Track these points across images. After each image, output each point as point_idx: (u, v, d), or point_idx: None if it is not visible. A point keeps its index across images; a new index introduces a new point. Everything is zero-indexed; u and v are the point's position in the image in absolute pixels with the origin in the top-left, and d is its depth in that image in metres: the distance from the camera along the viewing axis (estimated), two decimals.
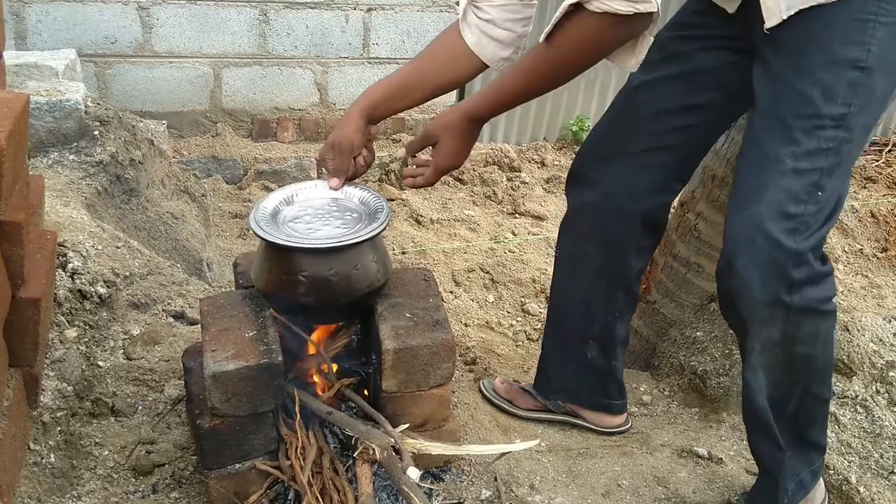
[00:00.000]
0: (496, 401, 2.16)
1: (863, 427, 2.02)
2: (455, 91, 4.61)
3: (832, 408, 2.05)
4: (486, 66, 1.65)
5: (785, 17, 1.50)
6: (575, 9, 1.39)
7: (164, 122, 3.86)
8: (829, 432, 2.00)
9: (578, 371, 2.05)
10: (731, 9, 1.66)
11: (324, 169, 1.70)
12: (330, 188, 1.66)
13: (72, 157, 2.55)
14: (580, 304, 1.98)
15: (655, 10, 1.38)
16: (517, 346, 3.01)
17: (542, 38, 1.47)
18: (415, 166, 1.74)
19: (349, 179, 1.68)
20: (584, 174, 1.90)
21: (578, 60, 1.50)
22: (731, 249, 1.55)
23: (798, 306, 1.54)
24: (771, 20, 1.52)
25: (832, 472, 1.92)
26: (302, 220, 1.58)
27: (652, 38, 1.49)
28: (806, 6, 1.48)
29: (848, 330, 2.15)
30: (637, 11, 1.37)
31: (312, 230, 1.55)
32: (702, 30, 1.75)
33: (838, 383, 2.10)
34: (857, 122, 1.50)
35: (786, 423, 1.68)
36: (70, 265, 1.99)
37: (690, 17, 1.79)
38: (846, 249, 3.61)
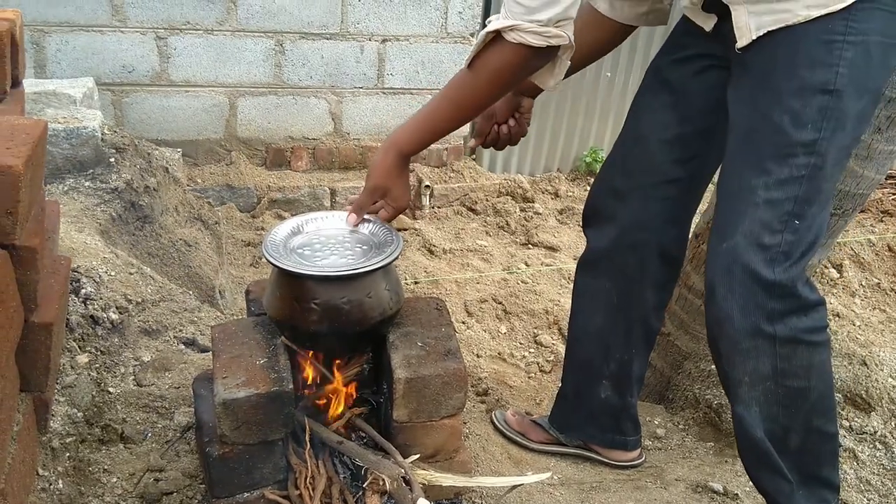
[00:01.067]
0: (508, 433, 2.14)
1: (882, 464, 1.98)
2: None
3: (850, 444, 2.01)
4: (632, 28, 1.73)
5: (754, 38, 1.49)
6: (495, 38, 1.45)
7: (179, 150, 3.89)
8: (847, 469, 1.96)
9: (593, 412, 2.03)
10: (707, 27, 1.66)
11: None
12: (470, 147, 1.77)
13: (87, 183, 2.57)
14: (596, 342, 1.97)
15: (567, 42, 1.45)
16: (529, 377, 2.99)
17: (465, 65, 1.52)
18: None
19: (495, 146, 1.84)
20: (599, 211, 1.91)
21: (497, 86, 1.54)
22: (711, 281, 1.55)
23: (784, 337, 1.53)
24: (741, 40, 1.51)
25: None
26: (311, 248, 1.58)
27: (569, 62, 1.54)
28: (774, 27, 1.47)
29: (866, 364, 2.12)
30: (549, 45, 1.44)
31: (320, 258, 1.54)
32: (691, 50, 1.74)
33: (856, 419, 2.06)
34: (829, 146, 1.47)
35: (791, 458, 1.64)
36: (83, 291, 1.99)
37: (680, 39, 1.79)
38: (863, 283, 3.57)
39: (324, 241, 1.62)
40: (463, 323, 3.33)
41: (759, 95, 1.52)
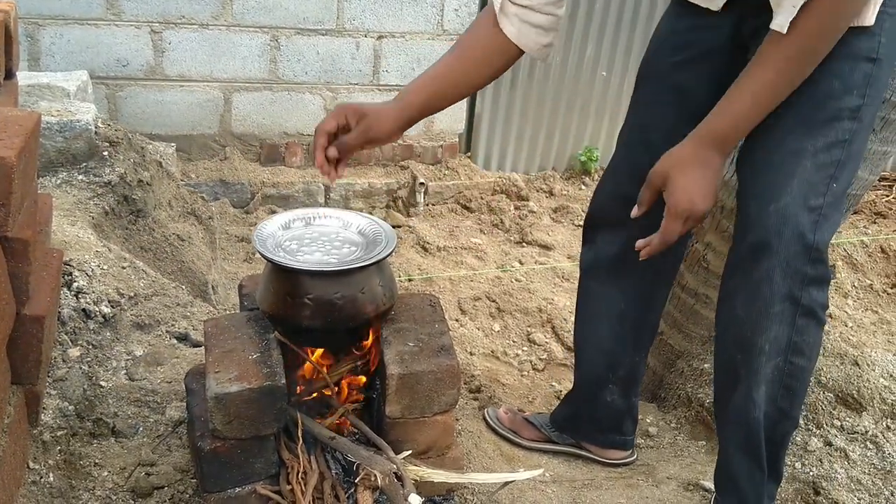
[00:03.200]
0: (500, 430, 2.14)
1: (873, 464, 1.99)
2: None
3: (842, 443, 2.02)
4: (521, 55, 1.64)
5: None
6: None
7: (173, 144, 3.88)
8: (838, 468, 1.97)
9: (598, 416, 2.03)
10: (716, 6, 1.61)
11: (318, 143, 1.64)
12: (321, 170, 1.63)
13: (80, 177, 2.56)
14: (605, 349, 1.96)
15: None
16: (522, 375, 2.99)
17: (784, 29, 1.36)
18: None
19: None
20: (609, 217, 1.87)
21: (826, 43, 1.40)
22: (755, 244, 1.53)
23: (805, 307, 1.55)
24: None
25: None
26: (299, 243, 1.59)
27: None
28: None
29: (858, 364, 2.12)
30: None
31: (304, 255, 1.55)
32: (695, 49, 1.69)
33: (848, 419, 2.07)
34: (868, 113, 1.50)
35: (772, 448, 1.67)
36: (75, 284, 1.99)
37: (680, 37, 1.72)
38: (856, 285, 3.58)
39: (314, 237, 1.62)
40: (456, 321, 3.33)
41: None
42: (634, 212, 1.59)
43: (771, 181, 1.52)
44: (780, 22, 1.37)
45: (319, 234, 1.63)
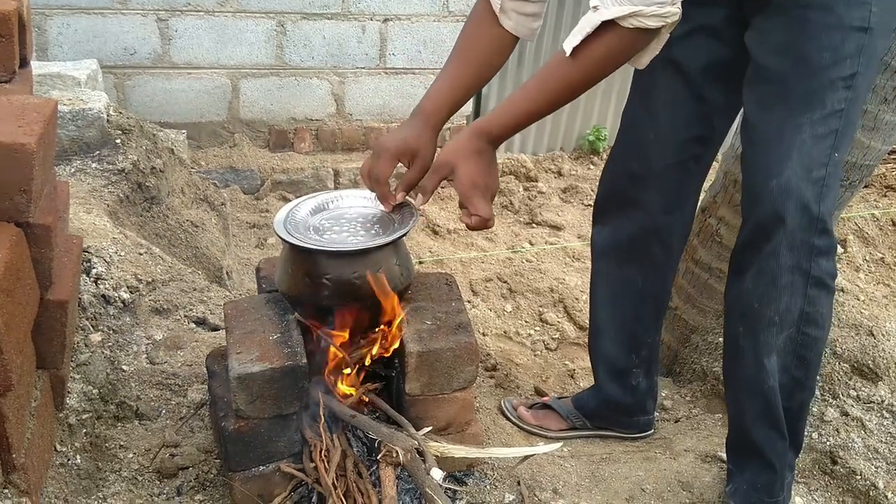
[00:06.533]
0: (528, 428, 2.11)
1: (889, 432, 2.00)
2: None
3: (858, 413, 2.03)
4: (517, 43, 1.67)
5: None
6: (605, 25, 1.37)
7: (183, 131, 3.89)
8: (855, 437, 1.98)
9: (625, 402, 2.05)
10: None
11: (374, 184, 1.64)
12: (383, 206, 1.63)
13: (94, 165, 2.57)
14: (626, 332, 1.98)
15: (679, 17, 1.38)
16: (535, 355, 3.00)
17: (567, 53, 1.42)
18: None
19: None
20: (621, 198, 1.88)
21: (601, 74, 1.47)
22: (761, 220, 1.56)
23: (815, 278, 1.58)
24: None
25: (859, 477, 1.90)
26: (322, 229, 1.60)
27: (668, 35, 1.46)
28: None
29: (873, 334, 2.13)
30: (666, 23, 1.38)
31: (332, 235, 1.56)
32: (692, 23, 1.65)
33: (864, 388, 2.08)
34: (862, 82, 1.53)
35: (790, 418, 1.69)
36: (94, 270, 2.01)
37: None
38: (867, 258, 3.58)
39: (344, 222, 1.63)
40: (468, 302, 3.34)
41: (794, 36, 1.52)
42: (419, 201, 1.61)
43: (771, 157, 1.55)
44: (568, 43, 1.42)
45: (356, 215, 1.65)
